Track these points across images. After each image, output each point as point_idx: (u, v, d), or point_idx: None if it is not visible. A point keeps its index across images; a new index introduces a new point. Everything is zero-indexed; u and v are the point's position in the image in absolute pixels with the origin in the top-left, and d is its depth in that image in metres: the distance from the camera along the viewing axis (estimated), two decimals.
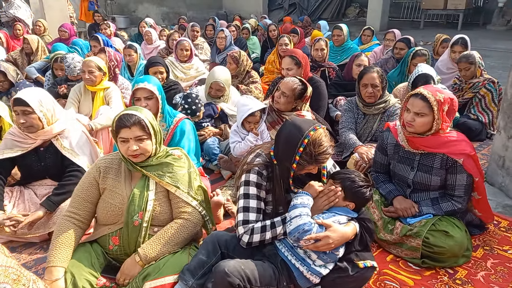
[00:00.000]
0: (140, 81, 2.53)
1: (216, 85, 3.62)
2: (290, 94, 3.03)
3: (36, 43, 5.64)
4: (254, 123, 3.04)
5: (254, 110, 2.97)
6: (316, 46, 4.52)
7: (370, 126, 3.11)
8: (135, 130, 1.85)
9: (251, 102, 3.05)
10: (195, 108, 3.34)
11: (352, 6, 16.43)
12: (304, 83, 3.09)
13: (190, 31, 6.45)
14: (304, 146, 1.71)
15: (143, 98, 2.54)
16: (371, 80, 2.98)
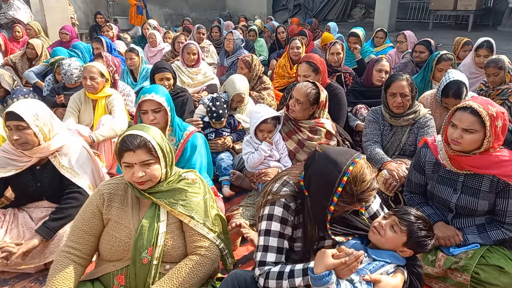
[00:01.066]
0: (146, 92, 2.27)
1: (239, 97, 3.41)
2: (305, 100, 2.77)
3: (40, 48, 5.39)
4: (267, 132, 2.78)
5: (266, 117, 2.73)
6: (332, 50, 4.26)
7: (398, 138, 2.83)
8: (140, 154, 1.59)
9: (264, 109, 2.81)
10: (222, 113, 3.18)
11: (358, 7, 16.16)
12: (318, 86, 2.83)
13: (196, 33, 6.18)
14: (344, 186, 1.43)
15: (150, 111, 2.28)
16: (400, 89, 2.71)
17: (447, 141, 2.02)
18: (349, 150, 1.57)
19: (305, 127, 2.85)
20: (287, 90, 3.64)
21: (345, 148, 1.55)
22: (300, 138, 2.83)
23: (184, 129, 2.49)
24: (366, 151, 2.82)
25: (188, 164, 2.42)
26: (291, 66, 5.01)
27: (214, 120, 3.13)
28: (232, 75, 3.54)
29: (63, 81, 3.79)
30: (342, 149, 1.58)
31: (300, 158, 2.83)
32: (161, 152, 1.66)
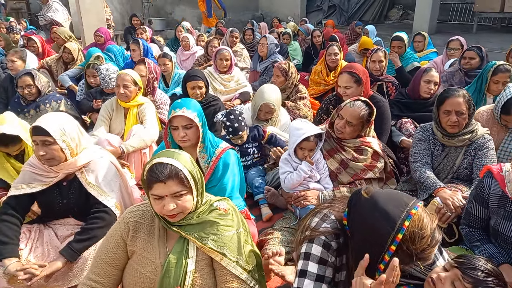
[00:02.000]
0: (177, 107, 2.11)
1: (267, 107, 3.19)
2: (357, 122, 2.54)
3: (77, 52, 5.40)
4: (308, 150, 2.57)
5: (308, 134, 2.51)
6: (374, 57, 3.97)
7: (452, 161, 2.55)
8: (171, 185, 1.43)
9: (306, 125, 2.58)
10: (238, 127, 2.88)
11: (395, 7, 15.58)
12: (370, 105, 2.59)
13: (229, 37, 6.04)
14: (398, 244, 1.21)
15: (181, 127, 2.13)
16: (456, 107, 2.42)
17: None
18: (402, 196, 1.31)
19: (350, 146, 2.62)
20: (326, 101, 3.40)
21: (397, 193, 1.31)
22: (343, 157, 2.60)
23: (216, 145, 2.32)
24: (415, 174, 2.55)
25: (219, 184, 2.25)
26: (327, 73, 4.76)
27: (231, 135, 2.88)
28: (264, 85, 3.35)
29: (101, 86, 3.73)
30: (393, 194, 1.34)
31: (342, 180, 2.59)
32: (193, 181, 1.49)
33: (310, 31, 7.52)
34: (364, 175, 2.55)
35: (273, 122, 3.26)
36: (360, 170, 2.56)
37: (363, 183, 2.54)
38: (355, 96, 3.13)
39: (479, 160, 2.46)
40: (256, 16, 15.37)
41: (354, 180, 2.56)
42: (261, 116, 3.20)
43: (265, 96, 3.14)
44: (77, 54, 5.34)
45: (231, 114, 2.89)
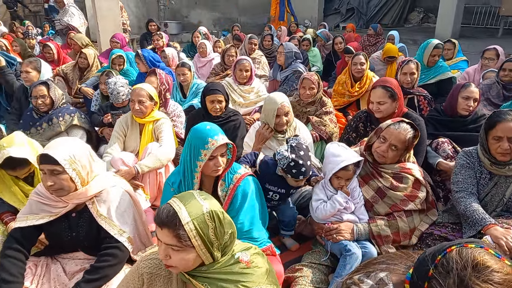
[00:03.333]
0: (214, 134, 1.90)
1: (284, 109, 2.84)
2: (402, 146, 2.30)
3: (92, 58, 5.26)
4: (345, 180, 2.33)
5: (348, 163, 2.26)
6: (405, 69, 3.70)
7: (501, 191, 2.28)
8: (166, 234, 1.28)
9: (344, 152, 2.32)
10: (308, 166, 2.31)
11: (416, 10, 15.18)
12: (415, 127, 2.33)
13: (247, 43, 5.84)
14: None
15: (219, 156, 1.94)
16: (508, 132, 2.15)
17: None
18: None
19: (388, 173, 2.37)
20: (355, 118, 3.15)
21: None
22: (380, 185, 2.35)
23: (234, 171, 2.11)
24: (459, 205, 2.29)
25: (238, 216, 2.03)
26: (352, 83, 4.50)
27: (295, 177, 2.29)
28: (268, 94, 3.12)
29: (111, 100, 3.57)
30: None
31: (379, 211, 2.35)
32: (200, 240, 1.28)
33: (329, 37, 7.26)
34: (404, 206, 2.30)
35: (290, 134, 2.93)
36: (400, 201, 2.31)
37: (403, 215, 2.29)
38: (389, 112, 2.90)
39: None
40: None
41: (392, 212, 2.32)
42: (281, 124, 2.88)
43: (278, 100, 2.85)
44: (93, 60, 5.20)
45: (299, 148, 2.31)
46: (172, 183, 2.06)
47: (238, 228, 2.03)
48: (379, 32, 7.17)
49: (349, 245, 2.16)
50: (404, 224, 2.27)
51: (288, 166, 2.26)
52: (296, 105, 3.67)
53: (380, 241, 2.25)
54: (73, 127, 3.29)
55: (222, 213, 1.35)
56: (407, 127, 2.28)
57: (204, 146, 1.88)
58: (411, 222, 2.29)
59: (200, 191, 1.43)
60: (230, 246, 1.39)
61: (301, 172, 2.26)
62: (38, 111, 3.30)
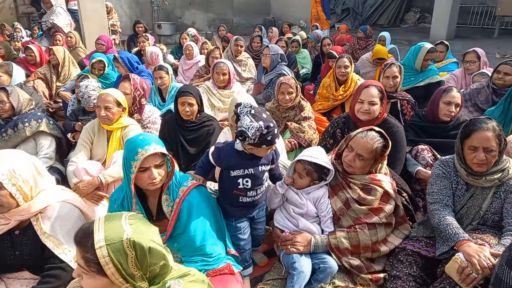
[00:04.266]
0: (145, 144, 1.78)
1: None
2: (369, 156, 2.17)
3: (62, 54, 5.17)
4: (298, 173, 2.23)
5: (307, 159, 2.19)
6: (387, 73, 3.58)
7: (478, 204, 2.15)
8: (78, 253, 1.18)
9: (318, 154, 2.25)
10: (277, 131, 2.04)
11: (412, 10, 15.06)
12: (385, 136, 2.21)
13: (233, 45, 5.70)
14: None
15: (153, 167, 1.80)
16: (484, 142, 2.03)
17: None
18: None
19: (356, 184, 2.24)
20: (333, 124, 3.02)
21: None
22: (348, 197, 2.23)
23: (180, 184, 1.98)
24: (433, 218, 2.16)
25: (187, 232, 1.91)
26: (336, 87, 4.38)
27: (271, 143, 1.99)
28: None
29: (82, 104, 3.45)
30: None
31: (343, 224, 2.22)
32: (114, 268, 1.16)
33: (319, 38, 7.14)
34: (368, 220, 2.17)
35: None
36: (364, 215, 2.18)
37: (365, 227, 2.16)
38: (375, 115, 2.76)
39: (510, 205, 2.06)
40: (267, 20, 15.04)
41: (355, 224, 2.19)
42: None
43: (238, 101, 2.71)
44: (62, 55, 5.10)
45: (259, 112, 1.98)
46: (115, 199, 1.94)
47: (188, 245, 1.91)
48: (369, 34, 7.03)
49: (297, 262, 2.03)
50: (365, 237, 2.15)
51: (261, 136, 1.93)
52: (275, 111, 3.54)
53: (339, 253, 2.13)
54: (41, 133, 3.17)
55: (151, 241, 1.23)
56: (374, 136, 2.15)
57: (134, 158, 1.77)
58: (373, 235, 2.16)
59: (133, 214, 1.31)
60: (162, 275, 1.27)
61: (275, 135, 1.98)
62: (1, 117, 3.19)
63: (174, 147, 3.13)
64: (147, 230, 1.26)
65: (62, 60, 5.08)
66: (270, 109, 3.56)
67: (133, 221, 1.25)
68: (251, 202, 2.18)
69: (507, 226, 2.04)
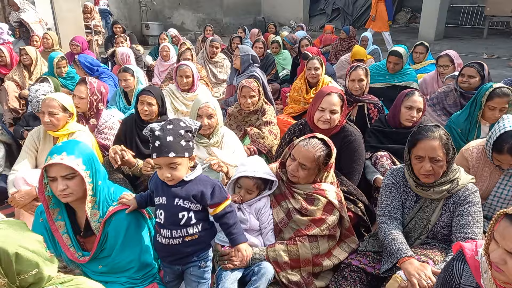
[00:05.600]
0: (55, 152, 1.66)
1: (206, 111, 2.55)
2: (312, 166, 2.06)
3: (34, 54, 5.07)
4: (245, 190, 2.12)
5: (251, 174, 2.07)
6: (353, 75, 3.45)
7: (426, 217, 2.03)
8: None
9: (256, 165, 2.14)
10: (167, 142, 1.67)
11: (403, 11, 14.95)
12: (328, 144, 2.10)
13: (208, 47, 5.59)
14: None
15: (60, 178, 1.67)
16: (430, 152, 1.91)
17: (493, 264, 1.24)
18: None
19: (300, 194, 2.13)
20: (289, 131, 2.89)
21: None
22: (290, 207, 2.11)
23: (111, 201, 1.84)
24: (380, 232, 2.05)
25: (112, 258, 1.78)
26: (307, 90, 4.27)
27: (153, 152, 1.68)
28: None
29: (29, 109, 3.32)
30: None
31: (284, 236, 2.11)
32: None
33: (295, 41, 7.01)
34: (308, 231, 2.05)
35: (215, 142, 2.61)
36: (305, 226, 2.06)
37: (306, 240, 2.04)
38: (335, 124, 2.64)
39: (460, 218, 1.94)
40: (258, 20, 14.92)
41: (295, 237, 2.07)
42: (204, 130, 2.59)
43: (201, 100, 2.61)
44: (35, 55, 5.00)
45: (175, 124, 1.69)
46: (40, 212, 1.82)
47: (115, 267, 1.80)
48: (352, 35, 6.91)
49: (222, 283, 1.90)
50: (305, 250, 2.02)
51: (152, 139, 1.67)
52: (237, 115, 3.42)
53: (277, 267, 2.01)
54: None
55: (19, 247, 1.16)
56: (317, 144, 2.04)
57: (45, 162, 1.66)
58: (314, 248, 2.04)
59: (8, 220, 1.22)
60: (37, 284, 1.18)
61: (155, 147, 1.63)
62: None
63: (129, 147, 3.00)
64: (18, 236, 1.18)
65: (35, 60, 4.99)
66: (232, 113, 3.45)
67: (3, 225, 1.15)
68: (167, 246, 1.76)
69: (455, 241, 1.92)
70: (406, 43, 9.30)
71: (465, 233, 1.89)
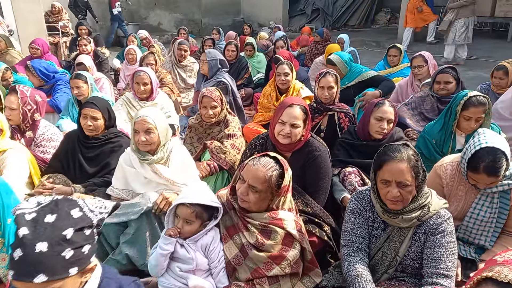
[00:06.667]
0: None
1: (142, 125, 2.22)
2: (263, 188, 1.79)
3: None
4: (182, 220, 1.84)
5: (187, 201, 1.80)
6: (322, 82, 3.20)
7: (394, 248, 1.79)
8: None
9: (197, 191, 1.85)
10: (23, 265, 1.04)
11: (383, 11, 14.91)
12: (282, 163, 1.84)
13: (176, 50, 5.28)
14: None
15: None
16: (397, 176, 1.68)
17: None
18: None
19: (255, 225, 1.86)
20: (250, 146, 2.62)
21: None
22: (244, 241, 1.84)
23: None
24: (343, 265, 1.80)
25: None
26: (277, 96, 4.02)
27: None
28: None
29: None
30: None
31: (240, 276, 1.83)
32: None
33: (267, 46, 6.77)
34: (268, 271, 1.78)
35: (160, 158, 2.26)
36: (263, 264, 1.80)
37: (265, 283, 1.78)
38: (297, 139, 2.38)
39: (431, 250, 1.71)
40: (237, 20, 14.66)
41: (253, 279, 1.80)
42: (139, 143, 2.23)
43: (138, 114, 2.28)
44: None
45: (56, 209, 1.10)
46: None
47: None
48: (326, 37, 6.70)
49: None
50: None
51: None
52: (198, 127, 3.14)
53: None
54: None
55: None
56: (268, 163, 1.78)
57: None
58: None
59: None
60: None
61: (14, 261, 1.02)
62: None
63: (72, 165, 2.70)
64: None
65: None
66: (192, 125, 3.17)
67: None
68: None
69: (426, 277, 1.69)
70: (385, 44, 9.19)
71: (437, 268, 1.67)
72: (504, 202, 2.08)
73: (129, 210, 2.13)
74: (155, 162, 2.26)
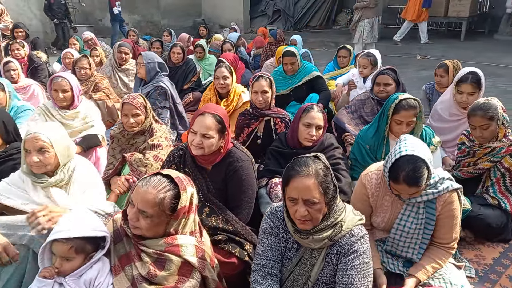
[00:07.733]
0: None
1: (33, 144, 1.94)
2: (154, 212, 1.55)
3: None
4: (59, 258, 1.58)
5: (62, 236, 1.54)
6: (255, 87, 3.01)
7: (306, 272, 1.62)
8: None
9: (75, 221, 1.60)
10: None
11: (344, 12, 15.01)
12: (176, 183, 1.61)
13: (116, 52, 4.96)
14: None
15: None
16: (303, 193, 1.50)
17: None
18: None
19: (149, 253, 1.62)
20: (168, 158, 2.39)
21: None
22: (135, 273, 1.60)
23: None
24: None
25: None
26: (217, 101, 3.81)
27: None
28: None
29: None
30: None
31: None
32: None
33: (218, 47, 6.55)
34: None
35: (59, 179, 1.99)
36: None
37: None
38: (212, 150, 2.16)
39: (343, 273, 1.55)
40: (197, 22, 14.35)
41: None
42: (31, 164, 1.95)
43: (29, 131, 1.99)
44: None
45: None
46: None
47: None
48: (280, 38, 6.55)
49: None
50: None
51: None
52: (120, 137, 2.87)
53: None
54: None
55: None
56: (160, 183, 1.55)
57: None
58: None
59: None
60: None
61: None
62: None
63: None
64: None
65: None
66: (114, 135, 2.90)
67: None
68: None
69: None
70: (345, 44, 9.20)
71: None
72: (430, 212, 1.95)
73: (10, 232, 1.78)
74: (53, 185, 1.98)
